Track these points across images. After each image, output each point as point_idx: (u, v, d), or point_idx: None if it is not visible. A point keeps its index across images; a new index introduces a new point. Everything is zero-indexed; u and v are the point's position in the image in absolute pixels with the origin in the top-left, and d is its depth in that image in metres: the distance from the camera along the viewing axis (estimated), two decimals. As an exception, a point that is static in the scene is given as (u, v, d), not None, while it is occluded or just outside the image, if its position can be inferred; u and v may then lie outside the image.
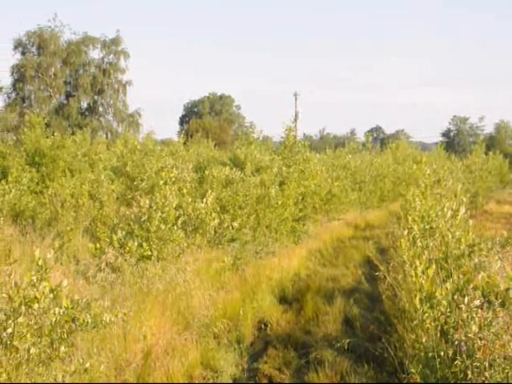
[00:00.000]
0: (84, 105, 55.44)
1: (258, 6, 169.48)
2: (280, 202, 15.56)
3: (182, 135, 26.15)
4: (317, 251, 15.82)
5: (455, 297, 5.95)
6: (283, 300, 10.92)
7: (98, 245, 10.17)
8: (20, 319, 4.90)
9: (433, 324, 5.95)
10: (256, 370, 7.67)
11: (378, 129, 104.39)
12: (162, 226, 10.51)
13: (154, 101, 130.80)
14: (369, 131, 74.09)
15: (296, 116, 49.95)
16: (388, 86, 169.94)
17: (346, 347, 7.69)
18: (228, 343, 8.34)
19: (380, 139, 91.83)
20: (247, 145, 21.79)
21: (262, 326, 9.44)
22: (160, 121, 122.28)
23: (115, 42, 54.80)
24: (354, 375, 7.06)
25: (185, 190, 13.22)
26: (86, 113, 54.86)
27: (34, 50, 52.77)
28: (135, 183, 16.19)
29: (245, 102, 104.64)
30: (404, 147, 39.53)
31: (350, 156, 29.37)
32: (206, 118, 70.76)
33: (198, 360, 7.47)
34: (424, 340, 6.07)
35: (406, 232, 8.02)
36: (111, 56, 55.39)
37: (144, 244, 10.21)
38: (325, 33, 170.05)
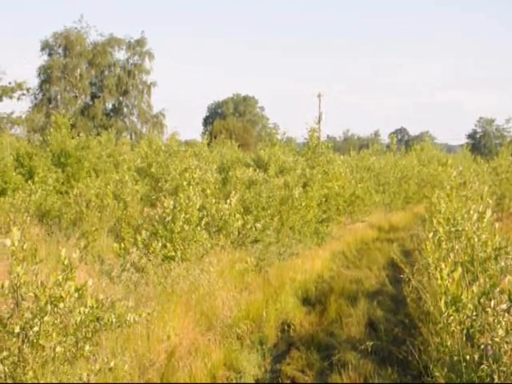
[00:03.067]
0: (109, 106, 56.07)
1: (279, 6, 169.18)
2: (303, 204, 15.53)
3: (206, 136, 26.26)
4: (340, 253, 15.75)
5: (481, 300, 5.87)
6: (306, 302, 10.89)
7: (122, 245, 10.25)
8: (46, 318, 4.95)
9: (458, 327, 5.88)
10: (279, 372, 7.65)
11: (402, 130, 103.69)
12: (186, 227, 10.56)
13: (178, 101, 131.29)
14: (393, 133, 73.46)
15: (320, 117, 49.64)
16: (413, 87, 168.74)
17: (369, 350, 7.64)
18: (251, 344, 8.34)
19: (404, 141, 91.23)
20: (271, 146, 21.84)
21: (285, 328, 9.42)
22: (183, 121, 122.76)
23: (140, 43, 55.30)
24: (377, 378, 7.01)
25: (208, 191, 13.27)
26: (111, 114, 55.39)
27: (60, 51, 53.50)
28: (159, 184, 16.28)
29: (267, 102, 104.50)
30: (429, 149, 39.26)
31: (374, 157, 29.23)
32: (230, 118, 70.93)
33: (221, 361, 7.48)
34: (449, 343, 6.00)
35: (431, 234, 7.94)
36: (136, 57, 55.95)
37: (168, 244, 10.26)
38: (348, 33, 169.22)
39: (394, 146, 35.93)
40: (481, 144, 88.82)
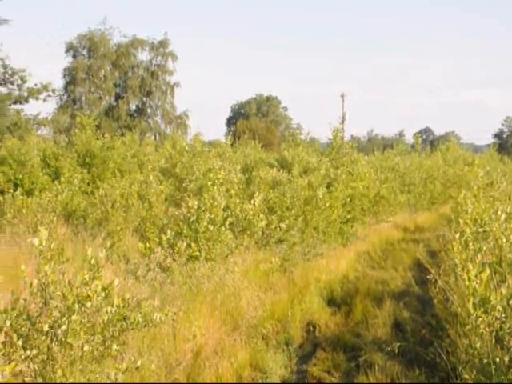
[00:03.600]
0: (133, 106, 56.37)
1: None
2: (328, 204, 15.47)
3: (230, 136, 26.25)
4: (365, 253, 15.65)
5: (510, 302, 5.79)
6: (332, 302, 10.84)
7: (147, 244, 10.29)
8: (74, 317, 4.98)
9: (487, 329, 5.79)
10: (305, 372, 7.63)
11: (427, 130, 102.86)
12: (211, 227, 10.57)
13: (201, 103, 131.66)
14: (418, 133, 72.79)
15: (343, 117, 49.49)
16: (437, 87, 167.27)
17: (396, 351, 7.57)
18: (276, 345, 8.32)
19: (429, 141, 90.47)
20: (294, 146, 21.78)
21: (311, 328, 9.39)
22: (207, 122, 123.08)
23: (163, 44, 55.58)
24: (404, 379, 6.95)
25: (232, 191, 13.28)
26: (135, 114, 55.70)
27: (84, 52, 53.92)
28: (184, 184, 16.31)
29: (292, 102, 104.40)
30: (454, 149, 38.91)
31: (398, 158, 29.04)
32: (253, 119, 70.92)
33: (246, 361, 7.47)
34: (478, 346, 5.92)
35: (457, 235, 7.84)
36: (159, 58, 56.22)
37: (193, 244, 10.28)
38: (373, 32, 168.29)
39: (418, 145, 35.70)
40: (508, 144, 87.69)
